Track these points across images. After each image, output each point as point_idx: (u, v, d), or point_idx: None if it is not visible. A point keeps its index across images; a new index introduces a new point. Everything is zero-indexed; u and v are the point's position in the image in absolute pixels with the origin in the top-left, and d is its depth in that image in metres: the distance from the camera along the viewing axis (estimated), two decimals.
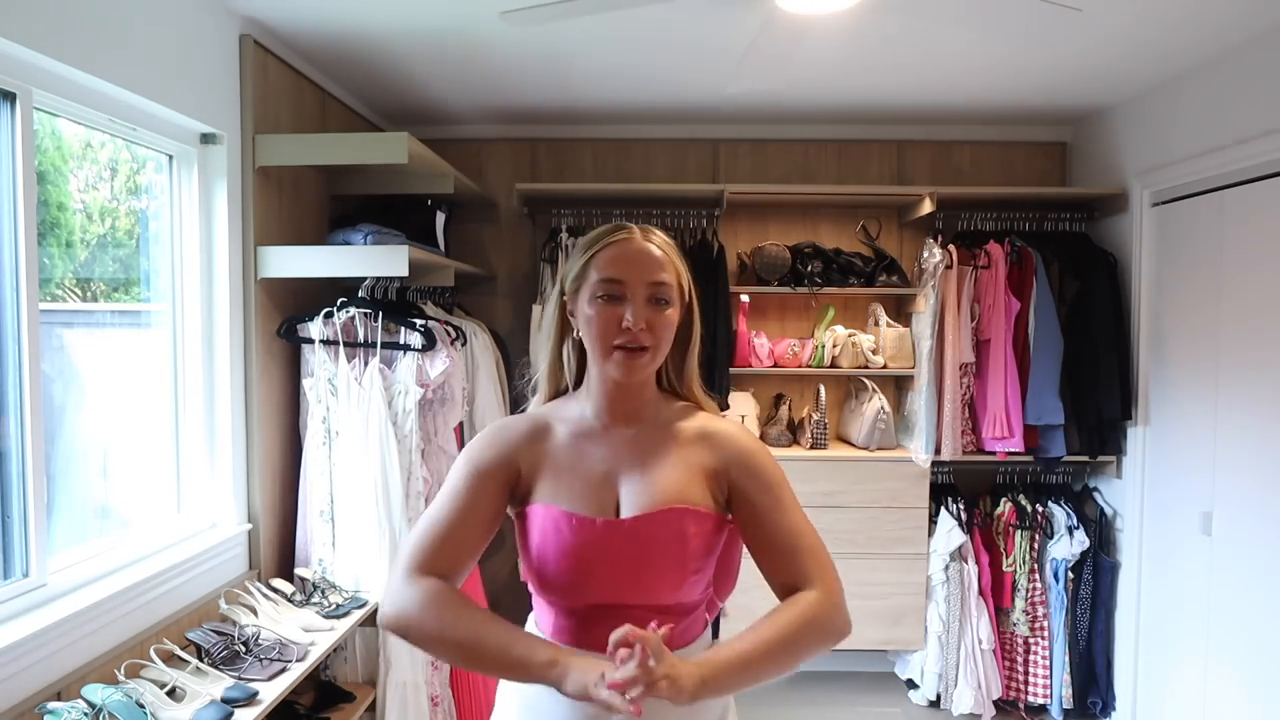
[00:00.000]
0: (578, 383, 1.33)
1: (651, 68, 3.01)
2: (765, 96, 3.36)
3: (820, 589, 1.17)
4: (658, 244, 1.25)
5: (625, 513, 1.22)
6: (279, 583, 2.58)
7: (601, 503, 1.22)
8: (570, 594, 1.22)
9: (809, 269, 3.56)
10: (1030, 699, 3.42)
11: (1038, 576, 3.41)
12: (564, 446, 1.27)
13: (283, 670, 2.10)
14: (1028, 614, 3.39)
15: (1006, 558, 3.41)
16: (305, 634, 2.31)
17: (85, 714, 1.72)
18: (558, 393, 1.36)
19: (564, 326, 1.31)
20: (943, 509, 3.47)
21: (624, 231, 1.25)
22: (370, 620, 2.63)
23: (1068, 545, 3.35)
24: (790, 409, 3.76)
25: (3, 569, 1.81)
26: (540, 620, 1.30)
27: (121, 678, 1.86)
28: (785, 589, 1.20)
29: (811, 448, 3.55)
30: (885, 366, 3.56)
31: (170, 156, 2.39)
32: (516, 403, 3.47)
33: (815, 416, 3.59)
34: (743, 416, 3.64)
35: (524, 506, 1.26)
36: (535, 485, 1.25)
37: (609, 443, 1.27)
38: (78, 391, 2.16)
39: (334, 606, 2.50)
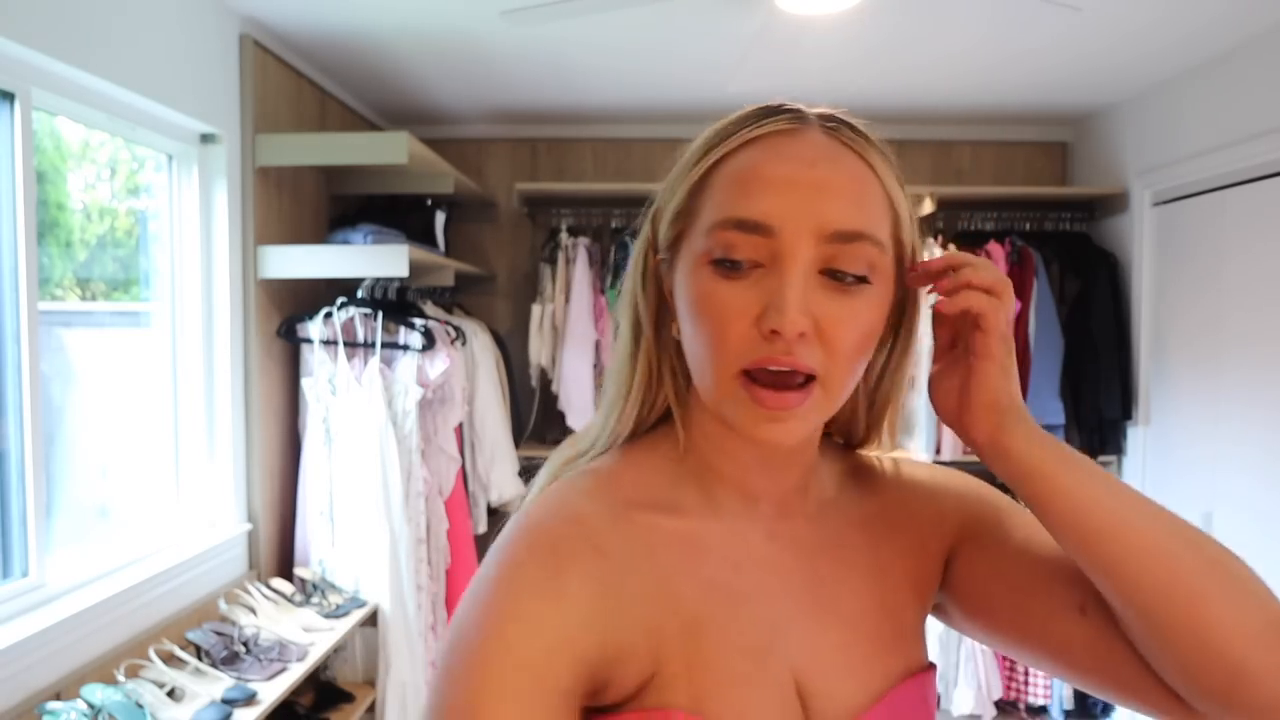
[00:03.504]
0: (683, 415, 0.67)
1: (652, 67, 3.01)
2: (765, 96, 3.35)
3: None
4: (858, 144, 0.61)
5: (827, 715, 0.62)
6: (279, 583, 2.58)
7: (781, 702, 0.61)
8: None
9: None
10: (1031, 700, 3.42)
11: None
12: (683, 572, 0.62)
13: (282, 670, 2.10)
14: None
15: None
16: (305, 634, 2.31)
17: (85, 714, 1.72)
18: (633, 434, 0.68)
19: (660, 310, 0.66)
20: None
21: (783, 118, 0.62)
22: (370, 620, 2.62)
23: None
24: None
25: (2, 569, 1.81)
26: None
27: (121, 678, 1.86)
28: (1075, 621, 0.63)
29: None
30: None
31: (170, 156, 2.39)
32: (518, 407, 3.47)
33: None
34: None
35: (621, 712, 0.59)
36: (662, 665, 0.59)
37: (756, 559, 0.65)
38: (77, 391, 2.16)
39: (334, 607, 2.50)
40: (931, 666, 0.70)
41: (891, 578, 0.69)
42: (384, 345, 2.71)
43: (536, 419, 3.63)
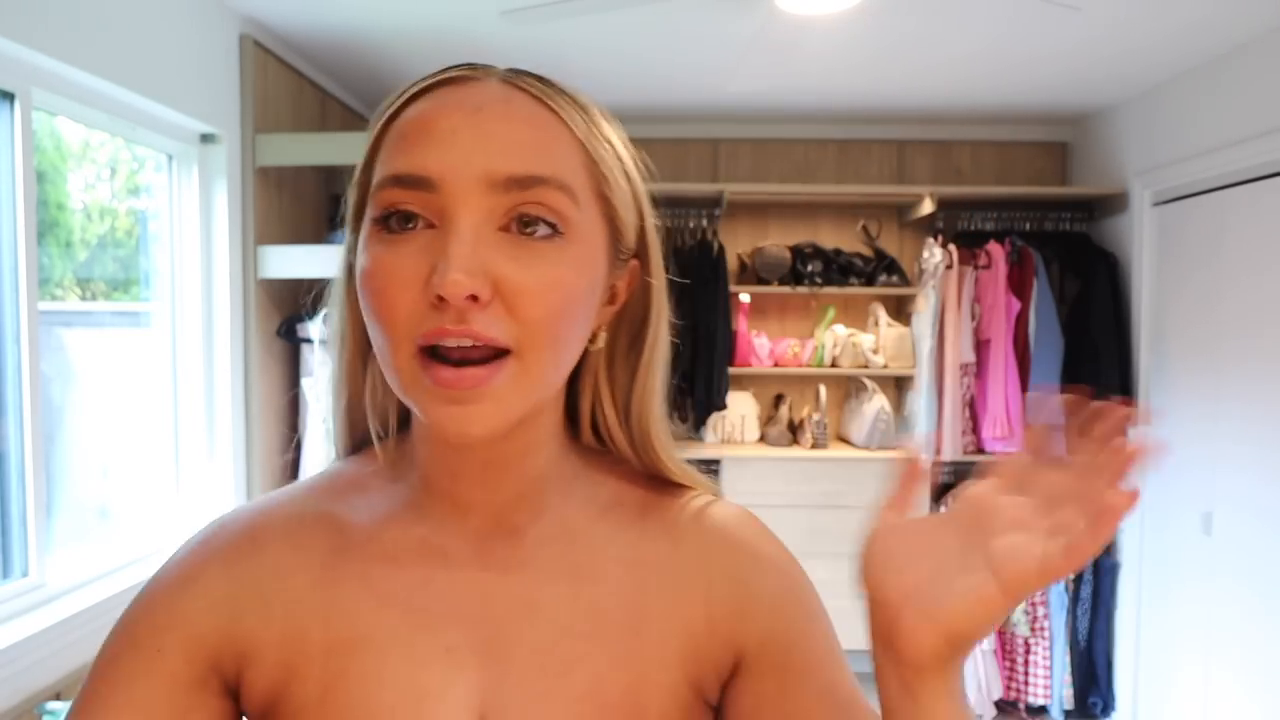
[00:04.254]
0: (401, 422, 0.62)
1: (651, 67, 3.01)
2: (765, 96, 3.36)
3: None
4: (543, 91, 0.54)
5: None
6: None
7: None
8: None
9: (809, 269, 3.56)
10: (1031, 700, 3.42)
11: None
12: (357, 583, 0.56)
13: None
14: (1028, 614, 3.39)
15: None
16: None
17: None
18: (360, 445, 0.63)
19: (354, 304, 0.58)
20: (943, 509, 3.46)
21: (456, 69, 0.56)
22: None
23: None
24: (790, 409, 3.76)
25: (3, 569, 1.81)
26: None
27: None
28: None
29: (812, 447, 3.55)
30: (885, 366, 3.56)
31: (170, 156, 2.39)
32: None
33: (815, 416, 3.59)
34: (743, 417, 3.64)
35: None
36: (288, 682, 0.54)
37: (459, 576, 0.57)
38: (77, 391, 2.16)
39: None
40: None
41: (648, 624, 0.57)
42: None
43: None
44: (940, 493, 3.56)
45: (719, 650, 0.58)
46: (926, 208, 3.48)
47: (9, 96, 1.78)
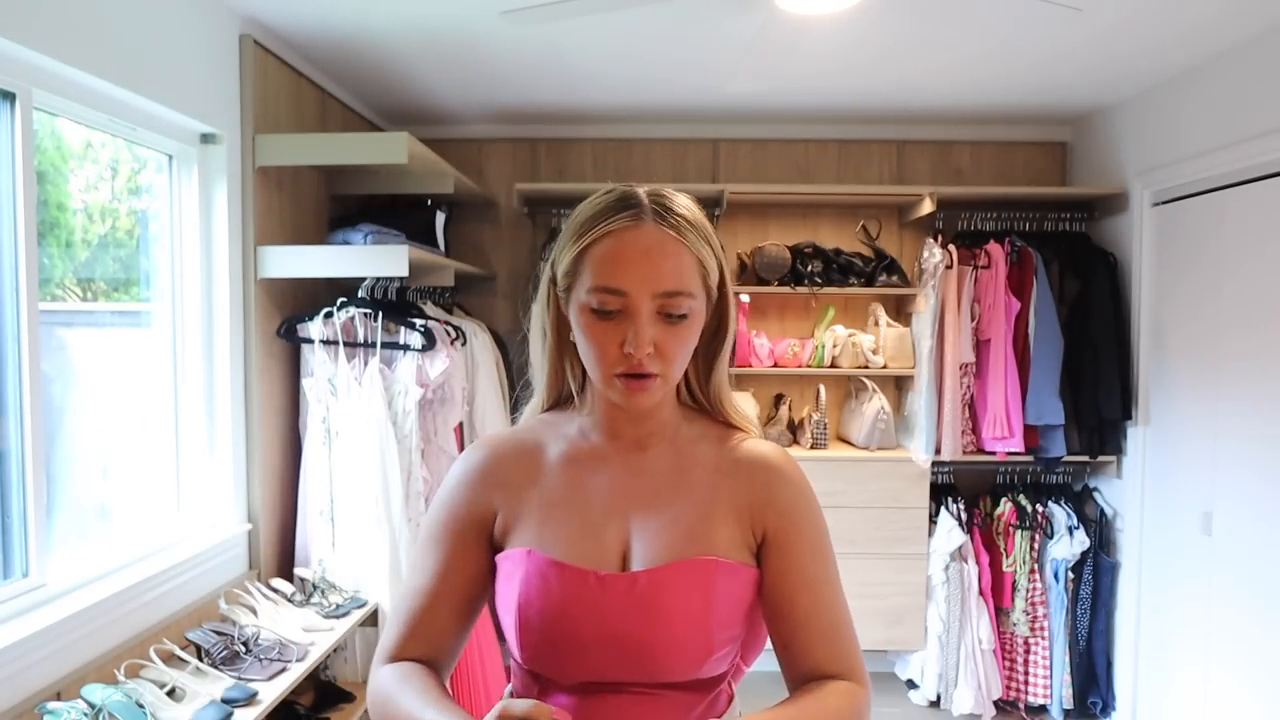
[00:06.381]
0: (582, 388, 1.06)
1: (651, 67, 3.01)
2: (765, 96, 3.36)
3: (860, 685, 0.96)
4: (676, 227, 0.93)
5: (634, 564, 0.96)
6: (279, 583, 2.58)
7: (603, 549, 0.96)
8: (557, 669, 0.96)
9: (809, 269, 3.56)
10: (1030, 699, 3.42)
11: (1038, 576, 3.41)
12: (556, 473, 1.02)
13: (282, 670, 2.10)
14: (1028, 614, 3.39)
15: (1006, 558, 3.41)
16: (305, 634, 2.31)
17: (85, 714, 1.72)
18: (559, 401, 1.10)
19: (560, 324, 1.02)
20: (943, 509, 3.47)
21: (628, 214, 0.93)
22: (370, 620, 2.62)
23: (1068, 545, 3.35)
24: (790, 409, 3.76)
25: (3, 569, 1.81)
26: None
27: (121, 678, 1.86)
28: (803, 679, 0.97)
29: (812, 448, 3.55)
30: (885, 366, 3.56)
31: (170, 156, 2.39)
32: (517, 406, 3.48)
33: (815, 416, 3.59)
34: None
35: (501, 550, 1.01)
36: (517, 523, 1.00)
37: (614, 470, 1.01)
38: (77, 391, 2.16)
39: (334, 606, 2.50)
40: (741, 564, 0.97)
41: (718, 502, 0.99)
42: (384, 345, 2.71)
43: None
44: (940, 493, 3.57)
45: (754, 524, 0.99)
46: (926, 208, 3.48)
47: (9, 96, 1.78)
